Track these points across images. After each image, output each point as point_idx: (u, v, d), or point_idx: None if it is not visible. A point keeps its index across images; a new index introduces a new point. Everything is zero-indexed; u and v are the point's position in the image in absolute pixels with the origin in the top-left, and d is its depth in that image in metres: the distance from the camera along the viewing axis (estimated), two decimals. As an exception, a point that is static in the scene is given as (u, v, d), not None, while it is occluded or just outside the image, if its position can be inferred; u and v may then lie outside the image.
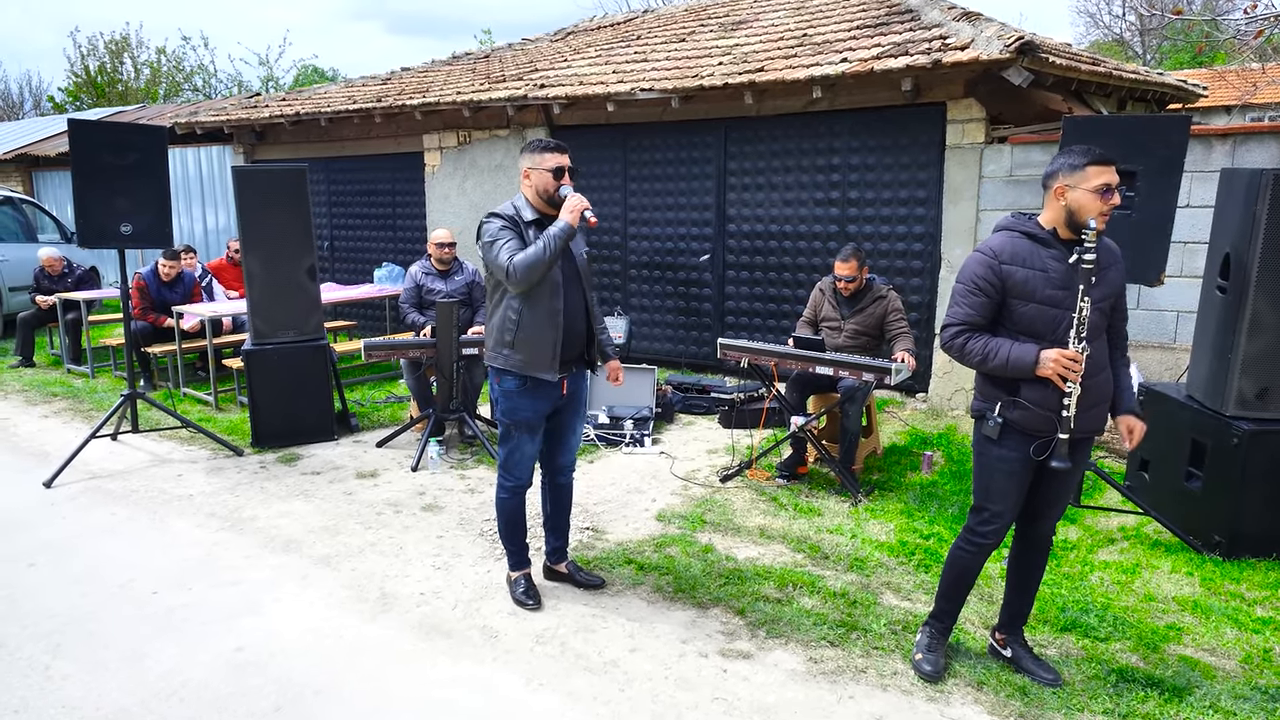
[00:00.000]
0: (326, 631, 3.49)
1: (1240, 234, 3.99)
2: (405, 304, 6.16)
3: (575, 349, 3.56)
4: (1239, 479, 3.99)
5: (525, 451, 3.58)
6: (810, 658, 3.26)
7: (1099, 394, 2.90)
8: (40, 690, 3.09)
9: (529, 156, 3.46)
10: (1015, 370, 2.84)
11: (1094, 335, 2.84)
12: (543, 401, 3.52)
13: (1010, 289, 2.86)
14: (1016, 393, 2.89)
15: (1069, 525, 4.50)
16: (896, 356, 4.81)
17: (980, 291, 2.89)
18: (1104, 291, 2.86)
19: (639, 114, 7.77)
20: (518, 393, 3.49)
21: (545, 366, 3.42)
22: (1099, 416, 2.95)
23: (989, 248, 2.92)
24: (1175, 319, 5.76)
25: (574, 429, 3.73)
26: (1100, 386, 2.91)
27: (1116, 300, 2.96)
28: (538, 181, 3.44)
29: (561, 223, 3.31)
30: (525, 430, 3.54)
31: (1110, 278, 2.90)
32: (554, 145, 3.46)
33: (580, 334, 3.56)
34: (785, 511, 4.71)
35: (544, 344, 3.40)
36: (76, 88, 27.01)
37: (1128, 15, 25.52)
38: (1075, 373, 2.77)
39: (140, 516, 4.71)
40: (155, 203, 5.39)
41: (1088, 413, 2.88)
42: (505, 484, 3.64)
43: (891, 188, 6.75)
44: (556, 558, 3.90)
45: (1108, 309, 2.90)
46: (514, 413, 3.52)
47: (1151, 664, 3.22)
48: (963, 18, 6.79)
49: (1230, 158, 5.45)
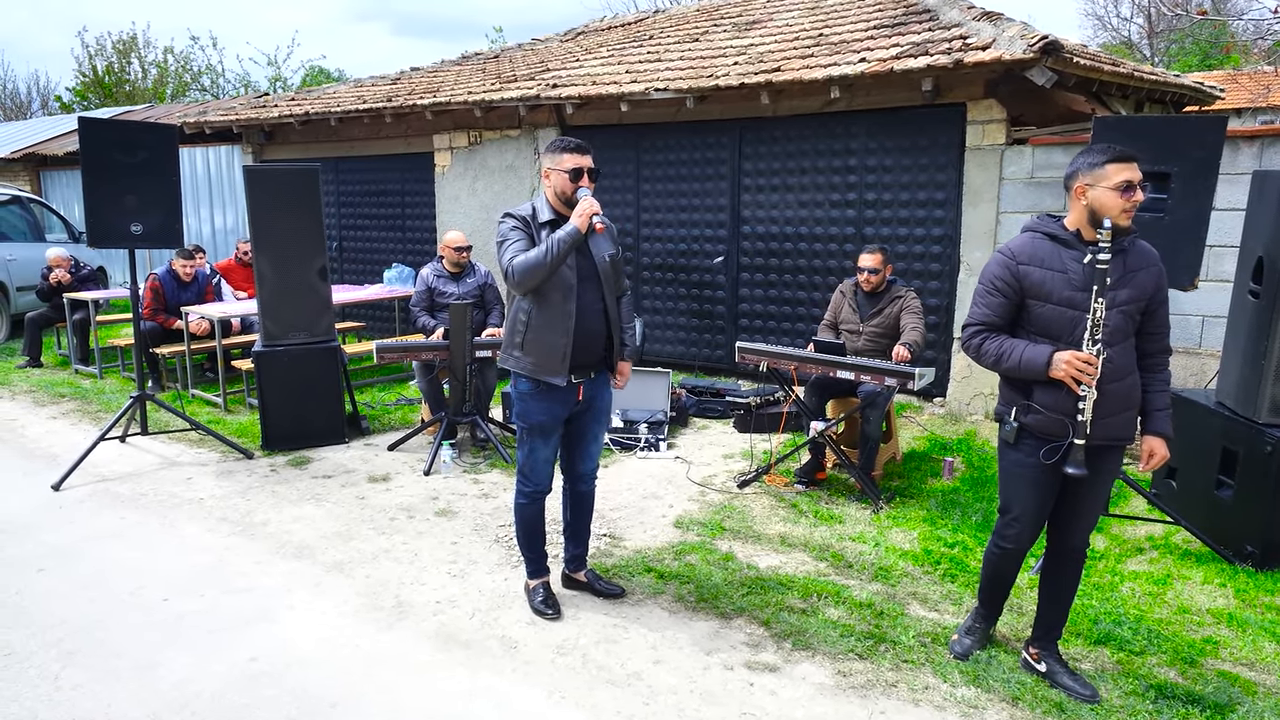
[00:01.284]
0: (342, 641, 3.41)
1: (1273, 237, 3.90)
2: (416, 307, 6.08)
3: (593, 353, 3.46)
4: (1272, 488, 3.89)
5: (540, 456, 3.50)
6: (839, 671, 3.17)
7: (1122, 401, 2.81)
8: (50, 701, 3.02)
9: (549, 157, 3.39)
10: (1028, 371, 2.81)
11: (1116, 339, 2.78)
12: (557, 406, 3.43)
13: (1028, 290, 2.84)
14: (1031, 396, 2.85)
15: (1096, 534, 4.40)
16: (898, 356, 4.76)
17: (997, 292, 2.88)
18: (1131, 294, 2.79)
19: (652, 114, 7.69)
20: (531, 395, 3.41)
21: (554, 370, 3.33)
22: (1123, 424, 2.86)
23: (1008, 248, 2.92)
24: (1201, 323, 5.67)
25: (594, 436, 3.63)
26: (1124, 393, 2.82)
27: (1151, 306, 2.86)
28: (556, 183, 3.36)
29: (569, 227, 3.24)
30: (539, 434, 3.46)
31: (1141, 280, 2.81)
32: (574, 145, 3.36)
33: (598, 337, 3.44)
34: (805, 518, 4.62)
35: (553, 347, 3.32)
36: (84, 87, 27.01)
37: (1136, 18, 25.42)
38: (1090, 376, 2.71)
39: (150, 520, 4.64)
40: (165, 202, 5.33)
41: (1109, 419, 2.80)
42: (523, 489, 3.56)
43: (910, 189, 6.66)
44: (575, 565, 3.82)
45: (1135, 313, 2.82)
46: (527, 416, 3.45)
47: (1190, 679, 3.12)
48: (983, 17, 6.70)
49: (1258, 159, 5.36)
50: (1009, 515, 3.01)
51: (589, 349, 3.43)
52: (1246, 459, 4.03)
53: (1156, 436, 2.92)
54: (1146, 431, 2.94)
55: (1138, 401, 2.89)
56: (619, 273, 3.54)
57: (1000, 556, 3.09)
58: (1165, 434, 2.91)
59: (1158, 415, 2.91)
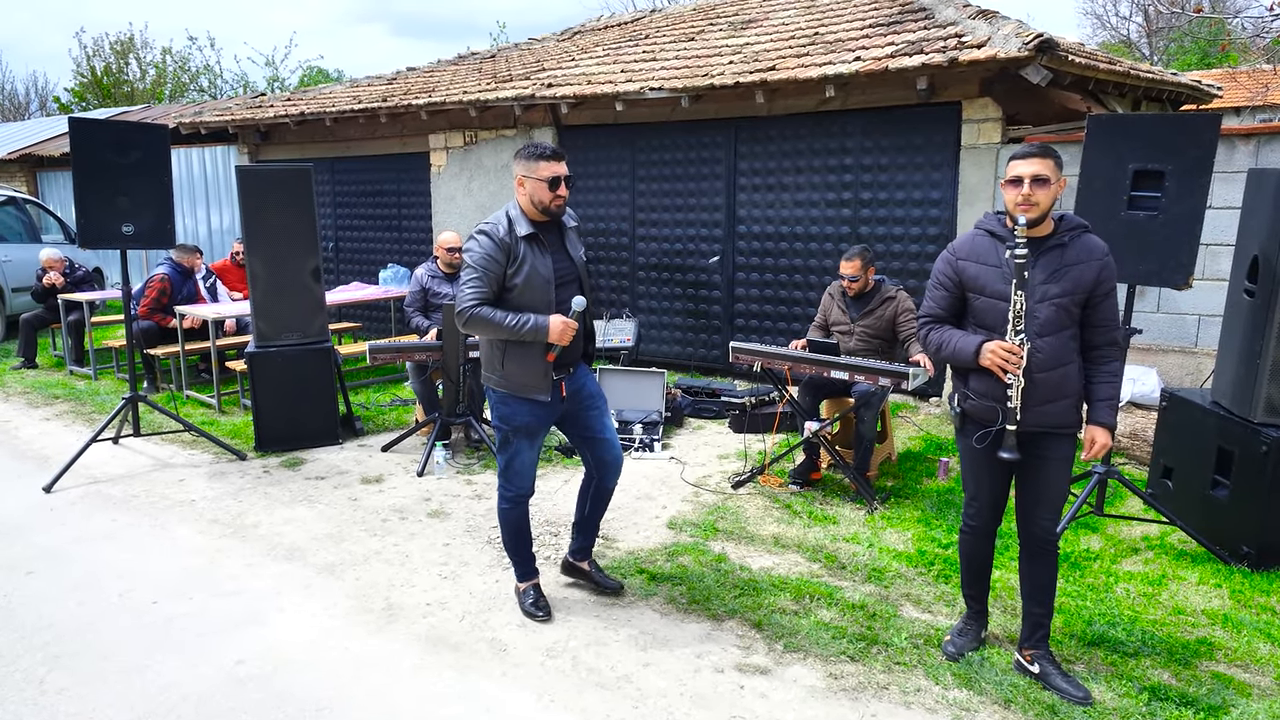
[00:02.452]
0: (331, 644, 3.39)
1: (1270, 236, 3.87)
2: (410, 308, 6.07)
3: (573, 352, 3.45)
4: (1268, 488, 3.87)
5: (525, 459, 3.46)
6: (830, 673, 3.15)
7: (1054, 389, 2.90)
8: (35, 704, 3.00)
9: (523, 164, 3.31)
10: (959, 360, 3.02)
11: (1048, 330, 2.88)
12: (539, 407, 3.39)
13: (966, 283, 3.03)
14: (968, 383, 3.05)
15: (1090, 534, 4.39)
16: (915, 359, 4.70)
17: (940, 286, 3.11)
18: (1065, 288, 2.87)
19: (648, 114, 7.67)
20: (512, 398, 3.37)
21: (539, 388, 3.32)
22: (1058, 412, 2.93)
23: (952, 245, 3.14)
24: (1197, 322, 5.65)
25: (602, 423, 3.57)
26: (1055, 382, 2.90)
27: (1093, 300, 2.91)
28: (533, 190, 3.31)
29: (544, 329, 3.21)
30: (524, 436, 3.42)
31: (1077, 274, 2.89)
32: (549, 153, 3.29)
33: (578, 337, 3.42)
34: (799, 519, 4.60)
35: (535, 367, 3.29)
36: (82, 88, 26.97)
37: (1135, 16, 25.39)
38: (1014, 365, 2.87)
39: (141, 522, 4.62)
40: (157, 202, 5.30)
41: (1041, 407, 2.90)
42: (506, 494, 3.51)
43: (905, 188, 6.64)
44: (580, 555, 3.79)
45: (1071, 306, 2.90)
46: (511, 418, 3.39)
47: (1184, 681, 3.10)
48: (978, 16, 6.68)
49: (1254, 158, 5.34)
50: (968, 496, 3.19)
51: (570, 350, 3.41)
52: (1242, 459, 4.01)
53: (1097, 426, 2.98)
54: (1089, 421, 3.01)
55: (1075, 391, 2.95)
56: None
57: (967, 538, 3.22)
58: (1105, 424, 2.96)
59: (1099, 405, 2.97)
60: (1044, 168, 2.85)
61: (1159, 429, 4.66)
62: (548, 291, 3.29)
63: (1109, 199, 4.06)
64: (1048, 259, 2.90)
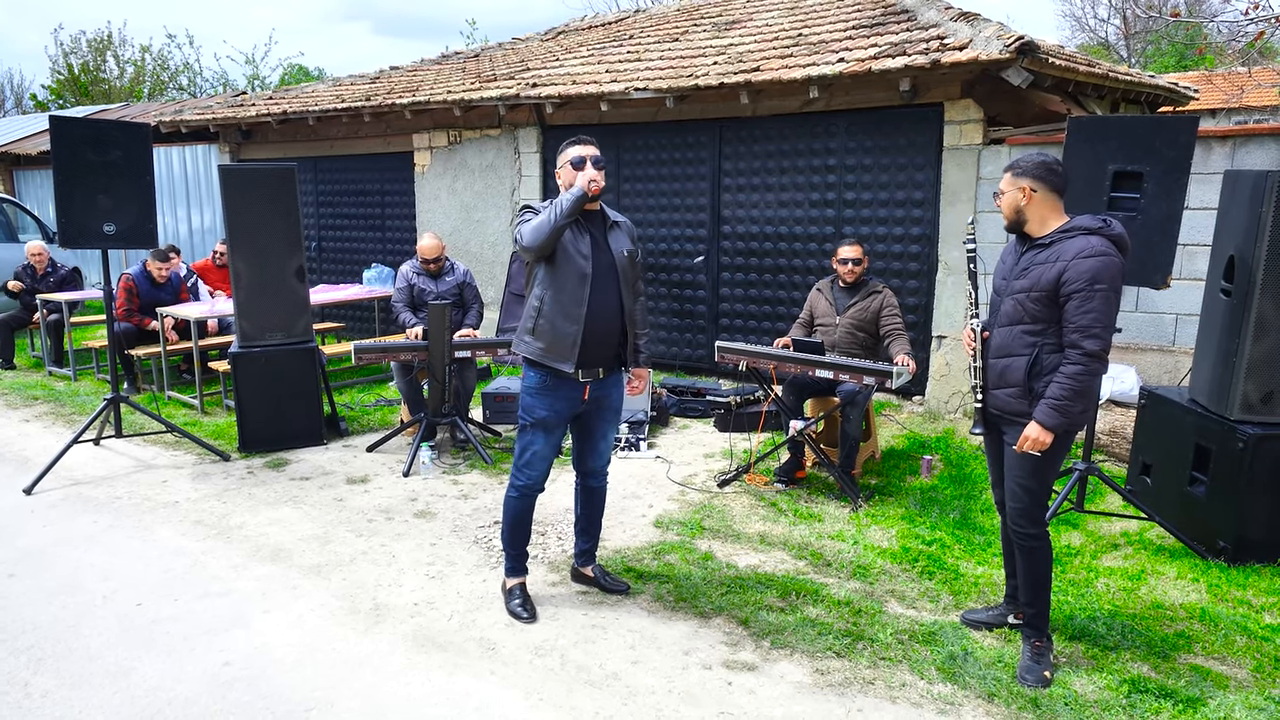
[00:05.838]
0: (318, 645, 3.38)
1: (1245, 236, 3.94)
2: (398, 304, 6.04)
3: (606, 349, 3.49)
4: (1244, 484, 3.94)
5: (538, 451, 3.51)
6: (816, 669, 3.18)
7: (997, 378, 3.11)
8: (19, 708, 2.97)
9: (559, 156, 3.49)
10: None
11: (1001, 322, 3.11)
12: (562, 403, 3.47)
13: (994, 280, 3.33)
14: None
15: (1071, 530, 4.45)
16: (897, 359, 4.74)
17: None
18: (1025, 285, 3.02)
19: (632, 114, 7.68)
20: (538, 390, 3.46)
21: (564, 356, 3.37)
22: (1002, 400, 3.11)
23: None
24: (1174, 322, 5.73)
25: (604, 434, 3.66)
26: (999, 370, 3.10)
27: (1061, 299, 2.95)
28: (565, 177, 3.45)
29: (575, 190, 3.29)
30: (541, 430, 3.49)
31: (1037, 273, 3.01)
32: (579, 139, 3.47)
33: (612, 333, 3.48)
34: (785, 517, 4.63)
35: (564, 333, 3.36)
36: (59, 85, 26.66)
37: (1113, 19, 25.67)
38: (968, 347, 3.20)
39: (124, 524, 4.59)
40: (139, 201, 5.26)
41: (992, 391, 3.14)
42: (516, 483, 3.57)
43: (888, 189, 6.69)
44: (584, 560, 3.84)
45: (1028, 302, 3.02)
46: (531, 410, 3.49)
47: (1163, 674, 3.16)
48: (960, 18, 6.74)
49: (1230, 159, 5.42)
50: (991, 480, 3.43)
51: (602, 345, 3.45)
52: (1219, 455, 4.07)
53: (1033, 420, 3.01)
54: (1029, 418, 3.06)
55: (1018, 382, 3.05)
56: (636, 272, 3.59)
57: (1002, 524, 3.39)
58: (1040, 420, 2.97)
59: (1040, 402, 3.01)
60: (1002, 183, 3.16)
61: (1138, 426, 4.73)
62: (582, 266, 3.36)
63: (1089, 200, 4.12)
64: (1027, 257, 3.07)
